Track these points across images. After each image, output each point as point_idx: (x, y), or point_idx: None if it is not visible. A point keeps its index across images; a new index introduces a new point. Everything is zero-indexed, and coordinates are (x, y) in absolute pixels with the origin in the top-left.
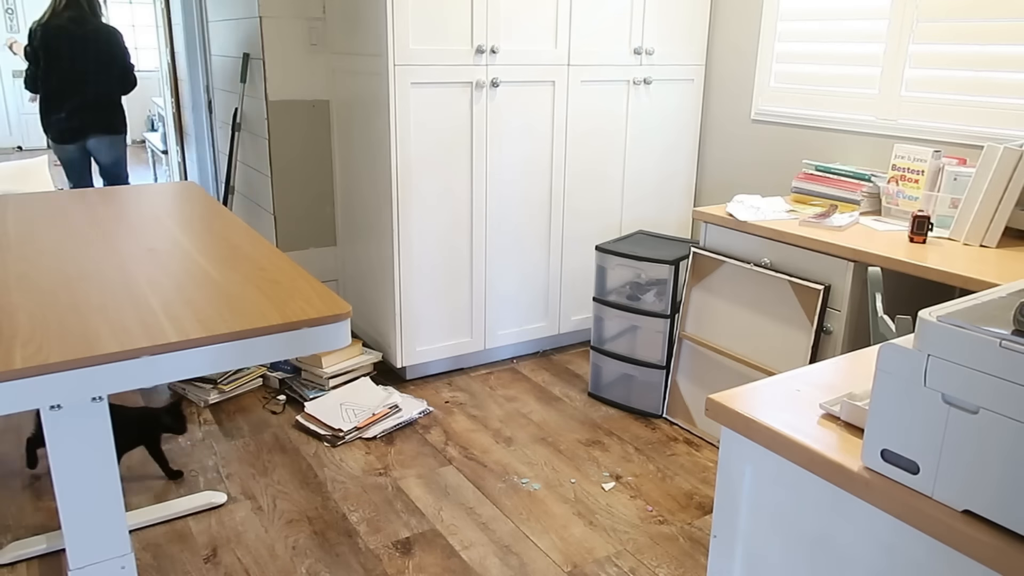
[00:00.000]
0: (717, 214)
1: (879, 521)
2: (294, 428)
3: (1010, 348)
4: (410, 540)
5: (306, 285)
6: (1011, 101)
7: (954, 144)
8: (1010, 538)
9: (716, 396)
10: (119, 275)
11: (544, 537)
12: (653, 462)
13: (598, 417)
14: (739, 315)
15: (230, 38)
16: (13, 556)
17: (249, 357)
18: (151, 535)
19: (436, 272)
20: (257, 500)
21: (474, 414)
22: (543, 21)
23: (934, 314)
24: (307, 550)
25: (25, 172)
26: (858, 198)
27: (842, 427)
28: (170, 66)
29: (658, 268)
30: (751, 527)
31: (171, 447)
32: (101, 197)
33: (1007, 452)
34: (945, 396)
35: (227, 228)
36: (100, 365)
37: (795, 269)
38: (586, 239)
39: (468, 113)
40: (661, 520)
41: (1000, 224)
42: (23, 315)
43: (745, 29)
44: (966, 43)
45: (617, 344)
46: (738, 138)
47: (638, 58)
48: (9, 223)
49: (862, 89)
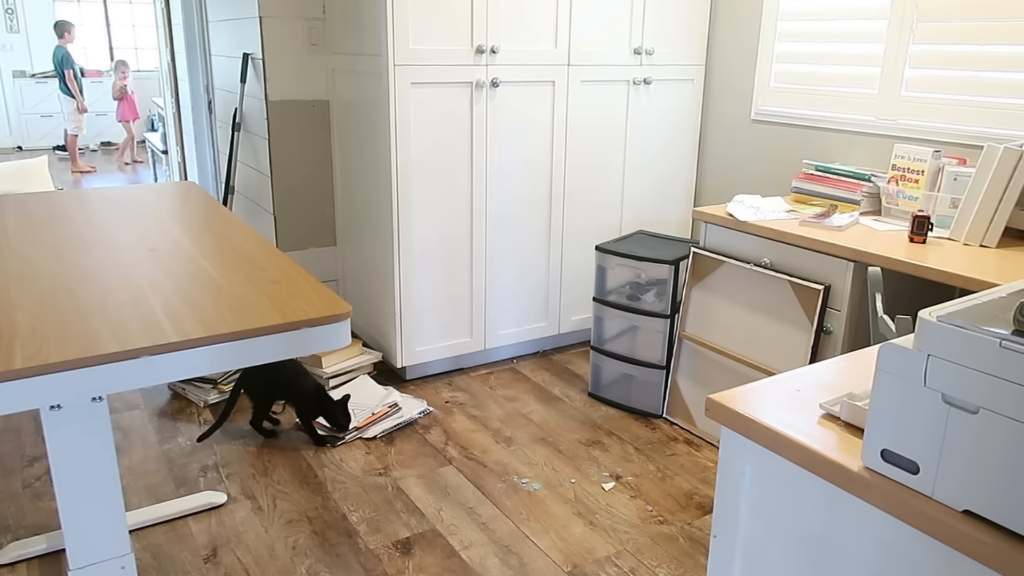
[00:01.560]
0: (717, 214)
1: (879, 521)
2: (294, 428)
3: (1010, 348)
4: (410, 540)
5: (306, 285)
6: (1011, 101)
7: (954, 144)
8: (1010, 538)
9: (716, 396)
10: (119, 275)
11: (544, 537)
12: (653, 462)
13: (598, 417)
14: (739, 315)
15: (230, 38)
16: (13, 556)
17: (249, 357)
18: (151, 535)
19: (436, 272)
20: (257, 500)
21: (474, 414)
22: (543, 21)
23: (934, 314)
24: (307, 550)
25: (25, 172)
26: (858, 198)
27: (842, 427)
28: (170, 66)
29: (658, 268)
30: (751, 527)
31: (171, 447)
32: (101, 197)
33: (1007, 452)
34: (945, 396)
35: (227, 228)
36: (100, 365)
37: (795, 269)
38: (586, 239)
39: (468, 113)
40: (661, 520)
41: (1000, 224)
42: (23, 315)
43: (745, 29)
44: (966, 43)
45: (617, 344)
46: (738, 138)
47: (638, 58)
48: (9, 223)
49: (862, 89)
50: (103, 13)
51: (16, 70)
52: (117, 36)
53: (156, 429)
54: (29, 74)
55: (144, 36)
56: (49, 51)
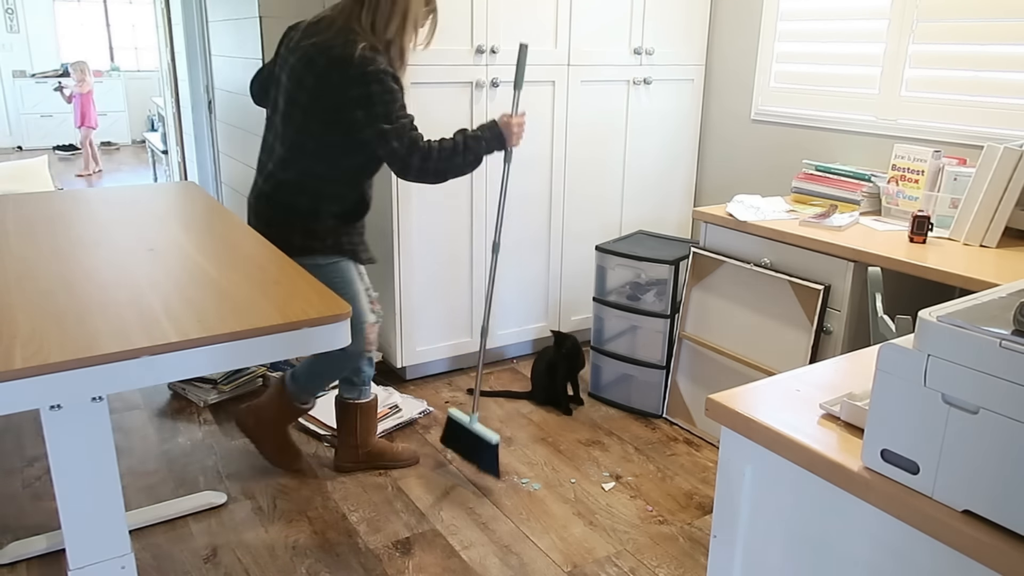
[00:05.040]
0: (717, 214)
1: (879, 521)
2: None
3: (1010, 348)
4: (410, 540)
5: (306, 285)
6: (1011, 101)
7: (954, 144)
8: (1010, 538)
9: (716, 396)
10: (119, 275)
11: (544, 537)
12: (653, 462)
13: (598, 417)
14: (739, 315)
15: (230, 38)
16: (13, 556)
17: (249, 357)
18: (151, 535)
19: (436, 272)
20: (257, 500)
21: None
22: (543, 21)
23: (934, 314)
24: (307, 550)
25: (25, 172)
26: (858, 198)
27: (842, 427)
28: (170, 66)
29: (658, 268)
30: (751, 527)
31: (171, 447)
32: (101, 197)
33: (1007, 452)
34: (945, 396)
35: (227, 228)
36: (100, 365)
37: (795, 269)
38: (586, 239)
39: (468, 113)
40: (661, 520)
41: (1000, 224)
42: (23, 315)
43: (745, 29)
44: (966, 43)
45: (617, 344)
46: (738, 138)
47: (638, 58)
48: (9, 223)
49: (862, 89)
50: (103, 13)
51: (16, 70)
52: (117, 36)
53: (156, 429)
54: (29, 74)
55: (144, 36)
56: (49, 51)
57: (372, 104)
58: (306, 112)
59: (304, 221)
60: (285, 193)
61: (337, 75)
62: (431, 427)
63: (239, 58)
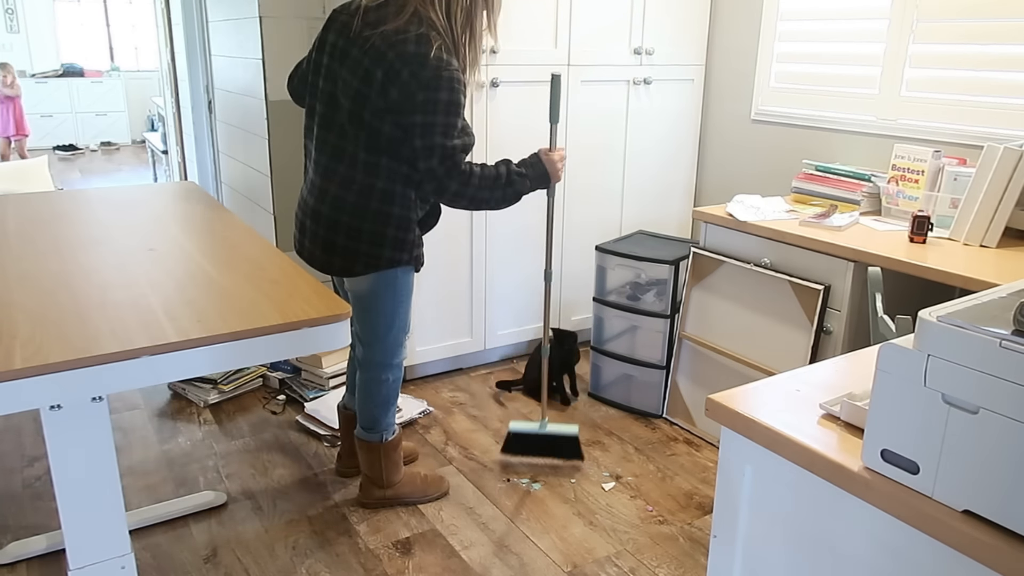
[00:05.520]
0: (717, 214)
1: (879, 521)
2: (294, 428)
3: (1010, 348)
4: (410, 540)
5: (306, 285)
6: (1011, 101)
7: (954, 144)
8: (1010, 538)
9: (716, 396)
10: (119, 275)
11: (544, 537)
12: (653, 462)
13: (598, 417)
14: (739, 315)
15: (230, 38)
16: (13, 556)
17: (249, 357)
18: (151, 535)
19: (436, 272)
20: (257, 500)
21: (474, 414)
22: (543, 21)
23: (934, 314)
24: (307, 550)
25: (25, 172)
26: (858, 198)
27: (842, 427)
28: (170, 66)
29: (658, 268)
30: (751, 527)
31: (171, 447)
32: (101, 197)
33: (1007, 452)
34: (945, 396)
35: (227, 228)
36: (100, 365)
37: (795, 269)
38: (586, 239)
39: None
40: (661, 520)
41: (1000, 224)
42: (23, 315)
43: (745, 29)
44: (966, 43)
45: (617, 344)
46: (738, 138)
47: (638, 58)
48: (9, 223)
49: (862, 89)
50: (103, 13)
51: (16, 70)
52: (117, 36)
53: (156, 429)
54: (29, 74)
55: (144, 36)
56: (49, 51)
57: (435, 112)
58: (373, 110)
59: (396, 231)
60: (375, 201)
61: (407, 74)
62: (431, 427)
63: (239, 58)
